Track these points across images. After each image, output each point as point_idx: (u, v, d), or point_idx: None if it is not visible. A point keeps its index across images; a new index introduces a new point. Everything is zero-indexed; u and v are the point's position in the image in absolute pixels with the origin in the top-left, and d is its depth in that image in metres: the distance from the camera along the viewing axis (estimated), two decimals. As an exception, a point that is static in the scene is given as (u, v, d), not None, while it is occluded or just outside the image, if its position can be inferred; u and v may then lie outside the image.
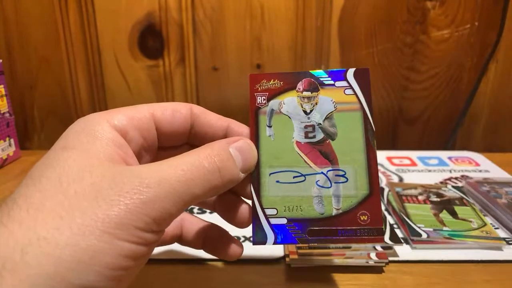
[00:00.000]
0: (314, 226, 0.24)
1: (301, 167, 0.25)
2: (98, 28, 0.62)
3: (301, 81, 0.25)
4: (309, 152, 0.25)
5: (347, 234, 0.24)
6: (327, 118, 0.25)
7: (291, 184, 0.24)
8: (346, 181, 0.24)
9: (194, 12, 0.61)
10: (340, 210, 0.24)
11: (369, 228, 0.24)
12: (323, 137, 0.25)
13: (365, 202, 0.24)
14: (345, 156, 0.25)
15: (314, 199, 0.24)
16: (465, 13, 0.60)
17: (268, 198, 0.25)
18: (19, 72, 0.65)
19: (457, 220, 0.38)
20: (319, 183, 0.24)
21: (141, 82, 0.65)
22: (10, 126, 0.57)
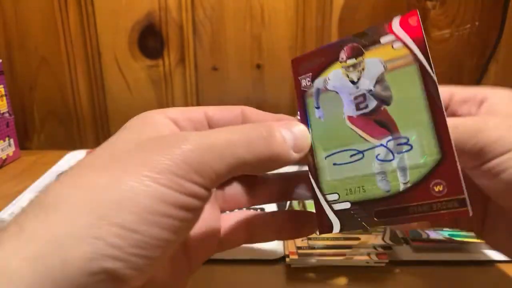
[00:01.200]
0: (381, 207, 0.21)
1: (357, 143, 0.22)
2: (98, 28, 0.62)
3: (343, 49, 0.23)
4: (364, 124, 0.22)
5: (421, 211, 0.20)
6: (377, 82, 0.22)
7: (349, 164, 0.22)
8: (411, 149, 0.21)
9: (194, 12, 0.61)
10: (409, 183, 0.20)
11: (447, 199, 0.19)
12: (377, 104, 0.22)
13: (437, 169, 0.20)
14: (406, 120, 0.21)
15: (377, 176, 0.21)
16: (465, 13, 0.60)
17: (327, 183, 0.23)
18: (19, 72, 0.65)
19: (457, 220, 0.38)
20: (379, 157, 0.21)
21: (141, 82, 0.65)
22: (10, 126, 0.57)
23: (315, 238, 0.33)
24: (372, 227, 0.21)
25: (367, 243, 0.33)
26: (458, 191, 0.19)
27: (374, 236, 0.34)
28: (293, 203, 0.39)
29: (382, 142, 0.21)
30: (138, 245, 0.18)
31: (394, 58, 0.21)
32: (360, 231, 0.34)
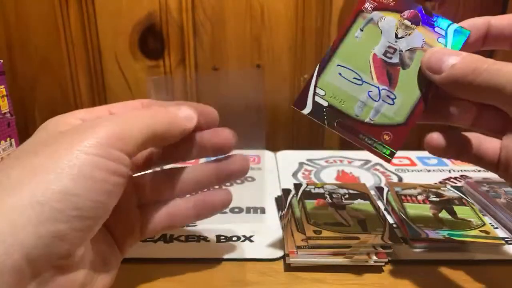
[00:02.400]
0: (345, 121, 0.28)
1: (364, 73, 0.28)
2: (98, 29, 0.62)
3: (409, 10, 0.28)
4: (378, 67, 0.28)
5: (365, 141, 0.27)
6: (410, 50, 0.27)
7: (349, 82, 0.28)
8: (392, 104, 0.27)
9: (195, 13, 0.61)
10: (372, 121, 0.27)
11: (385, 146, 0.27)
12: (397, 62, 0.28)
13: (395, 127, 0.27)
14: (404, 86, 0.27)
15: (358, 102, 0.28)
16: (465, 13, 0.60)
17: (324, 80, 0.28)
18: (19, 72, 0.65)
19: (457, 220, 0.38)
20: (370, 93, 0.27)
21: (141, 82, 0.65)
22: (11, 126, 0.57)
23: (315, 238, 0.33)
24: (328, 127, 0.28)
25: (367, 243, 0.33)
26: (395, 146, 0.28)
27: (373, 236, 0.34)
28: (293, 203, 0.40)
29: (379, 86, 0.28)
30: (78, 207, 0.20)
31: (432, 45, 0.27)
32: (360, 231, 0.35)
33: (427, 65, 0.26)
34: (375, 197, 0.42)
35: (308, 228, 0.35)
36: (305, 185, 0.43)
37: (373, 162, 0.55)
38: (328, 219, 0.36)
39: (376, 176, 0.51)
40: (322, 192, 0.42)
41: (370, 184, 0.48)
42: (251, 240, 0.36)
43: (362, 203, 0.40)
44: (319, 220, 0.36)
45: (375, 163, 0.55)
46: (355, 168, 0.53)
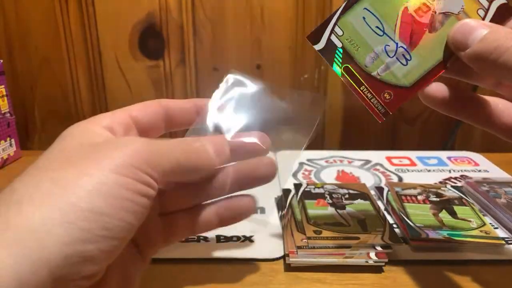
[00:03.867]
0: (353, 67, 0.27)
1: (388, 26, 0.26)
2: (98, 29, 0.62)
3: None
4: (405, 22, 0.26)
5: (365, 93, 0.27)
6: (444, 13, 0.26)
7: (370, 29, 0.27)
8: (405, 65, 0.26)
9: (195, 13, 0.61)
10: (379, 76, 0.27)
11: (382, 105, 0.27)
12: (426, 23, 0.26)
13: (398, 88, 0.26)
14: (423, 50, 0.26)
15: (372, 53, 0.27)
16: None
17: (346, 20, 0.27)
18: (19, 72, 0.65)
19: (457, 220, 0.38)
20: (387, 47, 0.26)
21: (141, 82, 0.65)
22: (11, 126, 0.57)
23: (315, 238, 0.33)
24: (335, 69, 0.27)
25: (367, 243, 0.33)
26: (392, 108, 0.27)
27: (373, 236, 0.34)
28: (293, 203, 0.40)
29: (398, 42, 0.26)
30: (107, 227, 0.20)
31: (469, 15, 0.25)
32: (360, 231, 0.35)
33: (453, 39, 0.25)
34: (375, 197, 0.42)
35: (308, 228, 0.35)
36: (305, 185, 0.43)
37: (373, 162, 0.55)
38: (328, 219, 0.36)
39: (376, 176, 0.51)
40: (322, 192, 0.42)
41: (370, 184, 0.48)
42: (251, 240, 0.36)
43: (362, 203, 0.40)
44: (319, 220, 0.36)
45: (375, 163, 0.55)
46: (355, 168, 0.53)
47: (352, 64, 0.27)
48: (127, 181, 0.21)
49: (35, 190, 0.20)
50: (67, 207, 0.19)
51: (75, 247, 0.19)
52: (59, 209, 0.19)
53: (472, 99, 0.27)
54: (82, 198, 0.19)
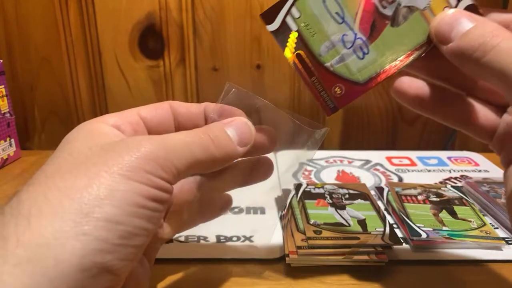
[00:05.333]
0: (306, 55, 0.25)
1: (349, 13, 0.24)
2: (98, 29, 0.62)
3: None
4: (367, 12, 0.24)
5: (315, 85, 0.25)
6: (409, 7, 0.24)
7: (329, 14, 0.25)
8: (361, 59, 0.25)
9: (194, 13, 0.61)
10: (332, 68, 0.25)
11: (331, 99, 0.25)
12: (389, 15, 0.24)
13: (351, 83, 0.25)
14: (382, 45, 0.24)
15: (327, 42, 0.25)
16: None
17: (304, 2, 0.25)
18: (19, 72, 0.65)
19: (457, 220, 0.38)
20: (344, 37, 0.25)
21: (141, 82, 0.65)
22: (11, 126, 0.57)
23: (315, 238, 0.33)
24: (285, 54, 0.25)
25: (367, 243, 0.33)
26: (342, 103, 0.25)
27: (373, 236, 0.34)
28: (293, 203, 0.40)
29: (357, 33, 0.25)
30: (123, 235, 0.19)
31: (433, 11, 0.24)
32: (360, 231, 0.34)
33: (436, 30, 0.23)
34: (375, 197, 0.42)
35: (308, 228, 0.35)
36: (305, 185, 0.43)
37: (373, 162, 0.55)
38: (328, 219, 0.36)
39: (376, 176, 0.51)
40: (322, 192, 0.42)
41: (370, 184, 0.48)
42: (251, 240, 0.36)
43: (362, 203, 0.40)
44: (319, 220, 0.36)
45: (375, 163, 0.55)
46: (355, 168, 0.53)
47: (305, 51, 0.25)
48: (140, 187, 0.20)
49: (43, 202, 0.19)
50: (80, 218, 0.18)
51: (93, 259, 0.18)
52: (72, 221, 0.18)
53: (448, 98, 0.25)
54: (95, 208, 0.18)
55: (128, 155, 0.20)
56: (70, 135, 0.23)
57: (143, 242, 0.21)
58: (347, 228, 0.35)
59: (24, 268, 0.17)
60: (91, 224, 0.18)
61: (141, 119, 0.27)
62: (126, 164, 0.20)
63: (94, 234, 0.18)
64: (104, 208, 0.19)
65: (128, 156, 0.20)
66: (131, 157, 0.20)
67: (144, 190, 0.20)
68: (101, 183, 0.19)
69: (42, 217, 0.18)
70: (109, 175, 0.19)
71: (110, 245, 0.18)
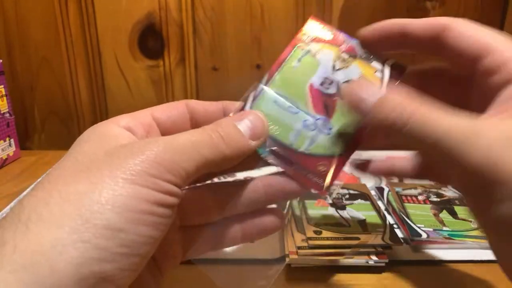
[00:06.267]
0: (279, 149, 0.26)
1: (301, 103, 0.26)
2: (98, 28, 0.62)
3: (348, 43, 0.27)
4: (315, 97, 0.27)
5: (299, 171, 0.25)
6: (347, 81, 0.27)
7: (284, 110, 0.26)
8: (329, 134, 0.26)
9: (194, 12, 0.61)
10: (307, 151, 0.26)
11: (320, 177, 0.26)
12: (334, 93, 0.27)
13: (331, 158, 0.26)
14: (341, 117, 0.26)
15: (293, 131, 0.26)
16: (465, 13, 0.60)
17: (259, 108, 0.26)
18: (19, 72, 0.65)
19: (457, 220, 0.38)
20: (306, 122, 0.26)
21: (141, 82, 0.65)
22: (10, 126, 0.57)
23: (315, 238, 0.33)
24: (261, 153, 0.25)
25: (367, 243, 0.33)
26: (331, 179, 0.26)
27: (374, 236, 0.34)
28: (293, 203, 0.40)
29: (316, 116, 0.26)
30: (125, 244, 0.18)
31: (368, 79, 0.27)
32: (360, 231, 0.34)
33: (349, 103, 0.24)
34: (376, 198, 0.42)
35: (308, 228, 0.35)
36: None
37: (373, 162, 0.55)
38: (328, 219, 0.36)
39: (377, 176, 0.51)
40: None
41: (370, 185, 0.47)
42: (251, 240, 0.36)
43: (362, 203, 0.40)
44: (319, 220, 0.36)
45: (375, 163, 0.55)
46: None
47: (277, 146, 0.26)
48: (144, 191, 0.19)
49: (44, 208, 0.18)
50: (79, 225, 0.17)
51: (91, 268, 0.17)
52: (71, 228, 0.17)
53: None
54: (95, 214, 0.18)
55: (132, 158, 0.20)
56: (80, 137, 0.23)
57: (148, 251, 0.20)
58: (347, 228, 0.35)
59: (19, 276, 0.16)
60: (90, 231, 0.17)
61: (155, 120, 0.26)
62: (130, 168, 0.19)
63: (93, 242, 0.17)
64: (105, 215, 0.18)
65: (132, 160, 0.19)
66: (135, 160, 0.19)
67: (150, 194, 0.19)
68: (103, 188, 0.18)
69: (41, 223, 0.17)
70: (112, 180, 0.19)
71: (110, 253, 0.18)
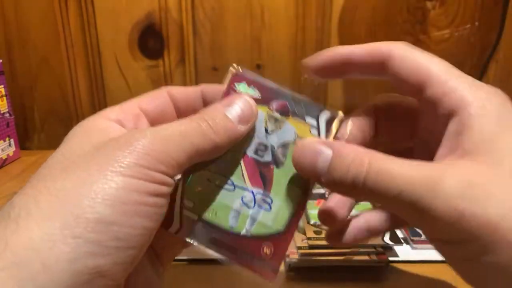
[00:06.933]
0: (219, 236, 0.24)
1: (236, 177, 0.24)
2: (98, 28, 0.62)
3: (277, 101, 0.25)
4: (251, 167, 0.24)
5: (244, 258, 0.24)
6: (283, 145, 0.24)
7: (219, 188, 0.24)
8: (269, 210, 0.24)
9: (194, 12, 0.61)
10: (249, 233, 0.24)
11: (267, 262, 0.23)
12: (270, 160, 0.24)
13: (275, 237, 0.23)
14: (280, 187, 0.24)
15: (232, 212, 0.24)
16: (465, 13, 0.60)
17: (192, 189, 0.24)
18: (19, 72, 0.65)
19: (457, 220, 0.38)
20: (244, 199, 0.24)
21: (141, 82, 0.65)
22: (10, 126, 0.57)
23: (315, 238, 0.33)
24: (200, 244, 0.24)
25: (367, 243, 0.33)
26: (278, 261, 0.23)
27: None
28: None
29: (253, 190, 0.24)
30: (119, 237, 0.18)
31: (304, 138, 0.24)
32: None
33: (300, 168, 0.22)
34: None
35: (309, 228, 0.35)
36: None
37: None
38: (328, 219, 0.36)
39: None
40: (323, 192, 0.42)
41: (370, 184, 0.47)
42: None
43: (362, 203, 0.40)
44: (319, 221, 0.36)
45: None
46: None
47: (218, 232, 0.24)
48: (135, 182, 0.19)
49: (33, 204, 0.18)
50: (70, 220, 0.17)
51: (84, 263, 0.17)
52: (61, 223, 0.17)
53: None
54: (85, 208, 0.17)
55: (120, 150, 0.19)
56: (69, 134, 0.23)
57: (144, 243, 0.19)
58: (347, 228, 0.35)
59: (11, 273, 0.16)
60: (81, 226, 0.17)
61: (142, 110, 0.25)
62: (118, 160, 0.19)
63: (85, 236, 0.17)
64: (95, 208, 0.17)
65: (121, 152, 0.19)
66: (124, 152, 0.19)
67: (140, 185, 0.19)
68: (92, 182, 0.18)
69: (31, 220, 0.17)
70: (101, 173, 0.18)
71: (103, 247, 0.17)
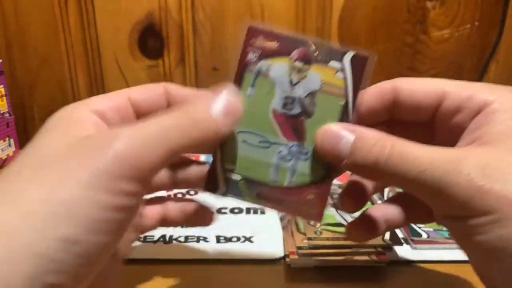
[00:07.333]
0: (264, 191, 0.25)
1: (269, 134, 0.25)
2: (98, 28, 0.62)
3: (297, 49, 0.24)
4: (282, 123, 0.25)
5: (291, 206, 0.25)
6: (309, 94, 0.24)
7: (256, 147, 0.25)
8: (306, 160, 0.24)
9: (194, 12, 0.61)
10: (292, 184, 0.25)
11: (312, 206, 0.24)
12: (300, 112, 0.24)
13: (316, 183, 0.24)
14: (313, 136, 0.24)
15: (272, 167, 0.25)
16: (465, 13, 0.60)
17: (230, 154, 0.25)
18: (19, 72, 0.65)
19: (457, 220, 0.38)
20: (281, 153, 0.25)
21: (141, 82, 0.64)
22: (10, 126, 0.57)
23: (315, 238, 0.33)
24: (248, 201, 0.25)
25: (367, 243, 0.33)
26: (322, 205, 0.24)
27: (374, 236, 0.34)
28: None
29: (288, 144, 0.24)
30: (82, 255, 0.17)
31: (331, 83, 0.24)
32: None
33: (323, 151, 0.23)
34: (376, 197, 0.42)
35: (309, 228, 0.35)
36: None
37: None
38: (328, 220, 0.36)
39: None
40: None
41: (370, 184, 0.47)
42: (250, 240, 0.36)
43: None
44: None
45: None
46: (355, 168, 0.53)
47: (262, 188, 0.25)
48: (102, 198, 0.18)
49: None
50: (33, 237, 0.16)
51: (44, 279, 0.16)
52: (24, 240, 0.16)
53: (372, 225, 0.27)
54: (48, 225, 0.17)
55: (92, 157, 0.18)
56: (47, 124, 0.22)
57: (106, 257, 0.19)
58: (347, 228, 0.35)
59: None
60: (42, 244, 0.16)
61: (132, 101, 0.25)
62: (88, 169, 0.18)
63: (49, 256, 0.16)
64: (60, 226, 0.17)
65: (92, 159, 0.18)
66: (95, 159, 0.18)
67: (108, 201, 0.18)
68: (57, 196, 0.17)
69: None
70: (68, 185, 0.17)
71: (65, 264, 0.17)
